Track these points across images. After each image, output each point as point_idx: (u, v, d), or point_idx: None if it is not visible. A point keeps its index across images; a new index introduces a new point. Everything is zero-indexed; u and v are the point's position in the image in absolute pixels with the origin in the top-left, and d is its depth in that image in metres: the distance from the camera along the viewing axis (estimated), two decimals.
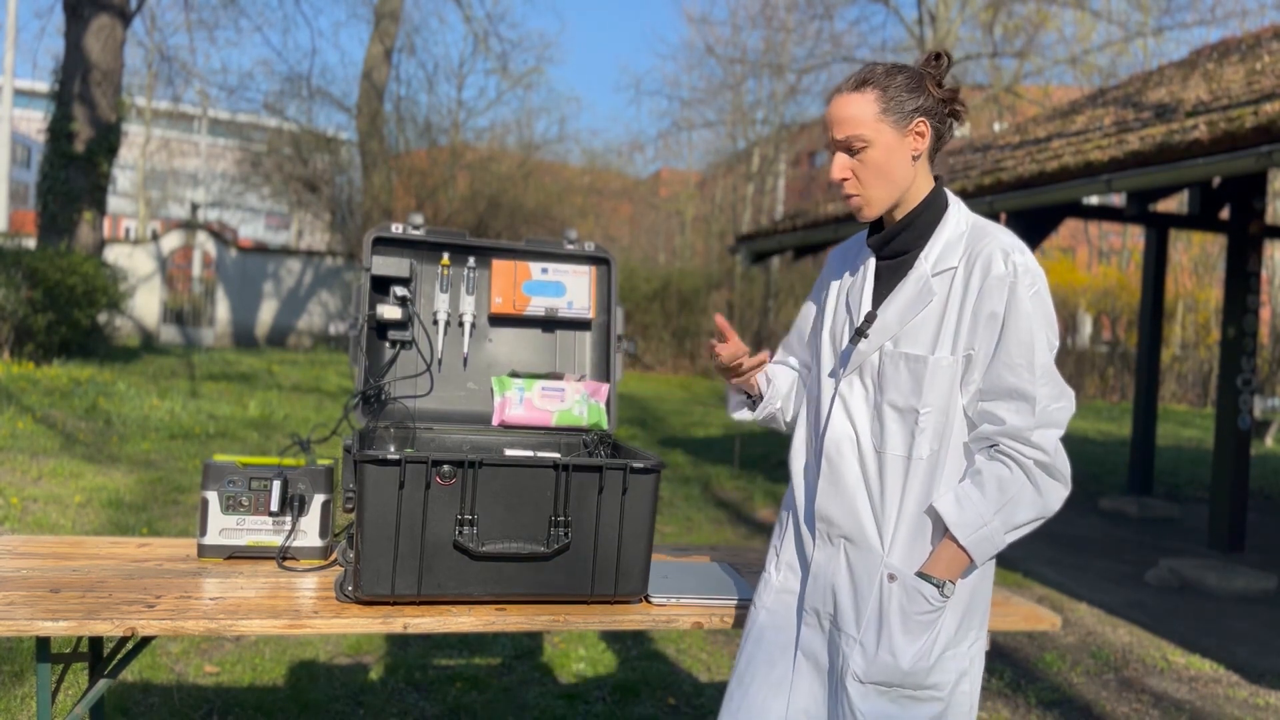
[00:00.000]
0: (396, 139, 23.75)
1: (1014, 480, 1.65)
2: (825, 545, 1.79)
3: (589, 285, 2.57)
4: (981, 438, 1.70)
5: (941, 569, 1.68)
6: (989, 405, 1.68)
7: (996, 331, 1.67)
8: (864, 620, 1.72)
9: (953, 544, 1.67)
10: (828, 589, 1.78)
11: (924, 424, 1.70)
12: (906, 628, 1.69)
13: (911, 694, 1.70)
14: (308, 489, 2.30)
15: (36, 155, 45.06)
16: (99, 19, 13.48)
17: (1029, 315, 1.66)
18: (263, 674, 3.66)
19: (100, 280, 12.92)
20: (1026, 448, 1.65)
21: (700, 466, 9.38)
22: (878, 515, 1.74)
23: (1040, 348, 1.66)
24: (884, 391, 1.74)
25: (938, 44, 20.62)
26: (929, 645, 1.69)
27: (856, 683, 1.71)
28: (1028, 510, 1.66)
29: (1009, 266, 1.67)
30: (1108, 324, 22.03)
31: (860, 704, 1.70)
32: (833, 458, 1.78)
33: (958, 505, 1.67)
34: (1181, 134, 5.43)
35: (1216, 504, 7.02)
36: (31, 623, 1.77)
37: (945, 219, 1.77)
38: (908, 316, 1.73)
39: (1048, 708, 3.91)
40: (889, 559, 1.72)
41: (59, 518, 5.61)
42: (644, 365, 21.28)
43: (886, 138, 1.71)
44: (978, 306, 1.68)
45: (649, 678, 3.87)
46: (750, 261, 10.96)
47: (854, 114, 1.71)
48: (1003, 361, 1.67)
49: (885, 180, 1.73)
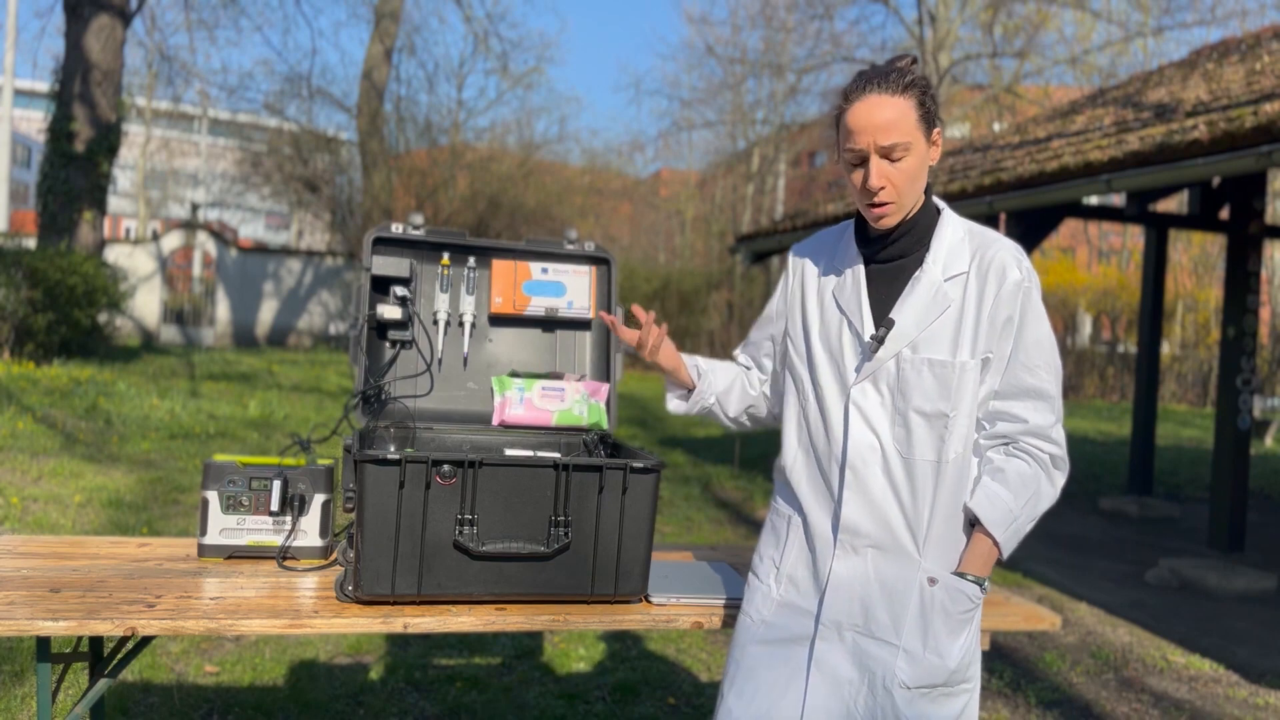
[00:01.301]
0: (396, 139, 23.76)
1: (1035, 475, 1.73)
2: (849, 556, 1.76)
3: (589, 285, 2.57)
4: (998, 436, 1.75)
5: (978, 566, 1.73)
6: (1006, 405, 1.75)
7: (1012, 335, 1.73)
8: (904, 627, 1.72)
9: (986, 540, 1.72)
10: (853, 600, 1.75)
11: (953, 427, 1.72)
12: (950, 628, 1.72)
13: (950, 690, 1.73)
14: (308, 489, 2.30)
15: (36, 155, 45.10)
16: (99, 19, 13.48)
17: (1042, 318, 1.75)
18: (263, 674, 3.66)
19: (100, 280, 12.92)
20: (1046, 443, 1.74)
21: (700, 466, 9.38)
22: (910, 521, 1.73)
23: (1053, 348, 1.75)
24: (908, 398, 1.73)
25: (937, 44, 20.63)
26: (968, 641, 1.74)
27: (904, 690, 1.70)
28: (1046, 501, 1.75)
29: (1023, 272, 1.74)
30: (1108, 324, 22.04)
31: (906, 709, 1.70)
32: (858, 468, 1.75)
33: (990, 503, 1.72)
34: (1181, 134, 5.43)
35: (1216, 504, 7.02)
36: (31, 622, 1.77)
37: (941, 223, 1.79)
38: (925, 322, 1.73)
39: (1048, 707, 3.91)
40: (925, 563, 1.73)
41: (59, 517, 5.61)
42: (644, 365, 21.28)
43: (921, 145, 1.69)
44: (994, 311, 1.72)
45: (649, 678, 3.87)
46: (750, 261, 10.97)
47: (898, 119, 1.65)
48: (1021, 363, 1.73)
49: (916, 188, 1.72)
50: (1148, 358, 8.64)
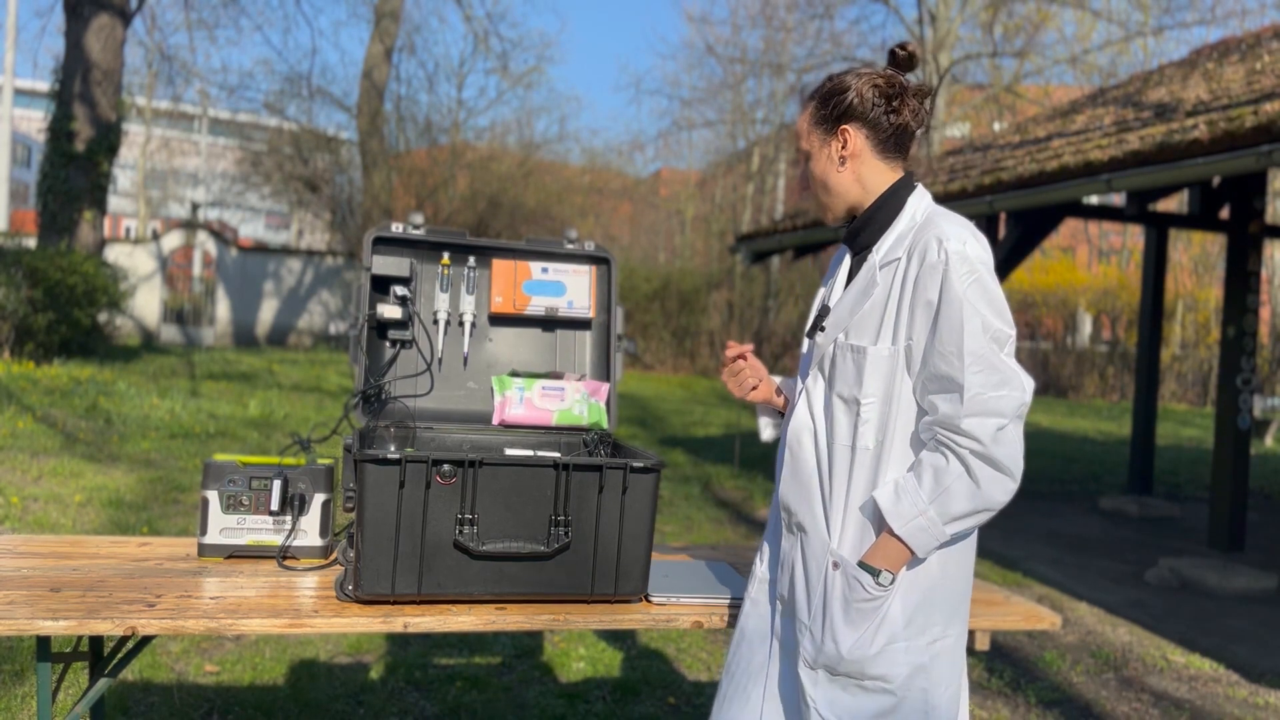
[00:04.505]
0: (397, 138, 23.75)
1: (950, 470, 1.62)
2: (788, 535, 1.84)
3: (589, 285, 2.57)
4: (925, 427, 1.69)
5: (879, 558, 1.68)
6: (930, 395, 1.68)
7: (930, 319, 1.66)
8: (813, 607, 1.76)
9: (891, 534, 1.67)
10: (788, 577, 1.83)
11: (866, 414, 1.72)
12: (848, 615, 1.71)
13: (858, 683, 1.71)
14: (308, 488, 2.30)
15: (36, 155, 45.07)
16: (99, 18, 13.48)
17: (960, 302, 1.63)
18: (263, 673, 3.66)
19: (100, 280, 12.92)
20: (960, 437, 1.61)
21: (700, 466, 9.38)
22: (827, 505, 1.76)
23: (971, 333, 1.62)
24: (832, 384, 1.78)
25: (937, 44, 20.63)
26: (870, 634, 1.69)
27: (806, 668, 1.75)
28: (964, 502, 1.63)
29: (941, 254, 1.65)
30: (1108, 324, 22.03)
31: (810, 689, 1.74)
32: (794, 449, 1.82)
33: (895, 495, 1.67)
34: (1181, 134, 5.43)
35: (1216, 503, 7.02)
36: (32, 622, 1.77)
37: (902, 213, 1.78)
38: (856, 309, 1.76)
39: (1048, 707, 3.91)
40: (837, 548, 1.74)
41: (59, 517, 5.61)
42: (644, 365, 21.28)
43: (818, 148, 1.82)
44: (915, 296, 1.68)
45: (649, 677, 3.87)
46: (750, 261, 10.96)
47: (799, 128, 1.84)
48: (936, 350, 1.65)
49: (824, 188, 1.83)
50: (1148, 358, 8.64)
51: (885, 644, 1.69)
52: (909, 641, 1.70)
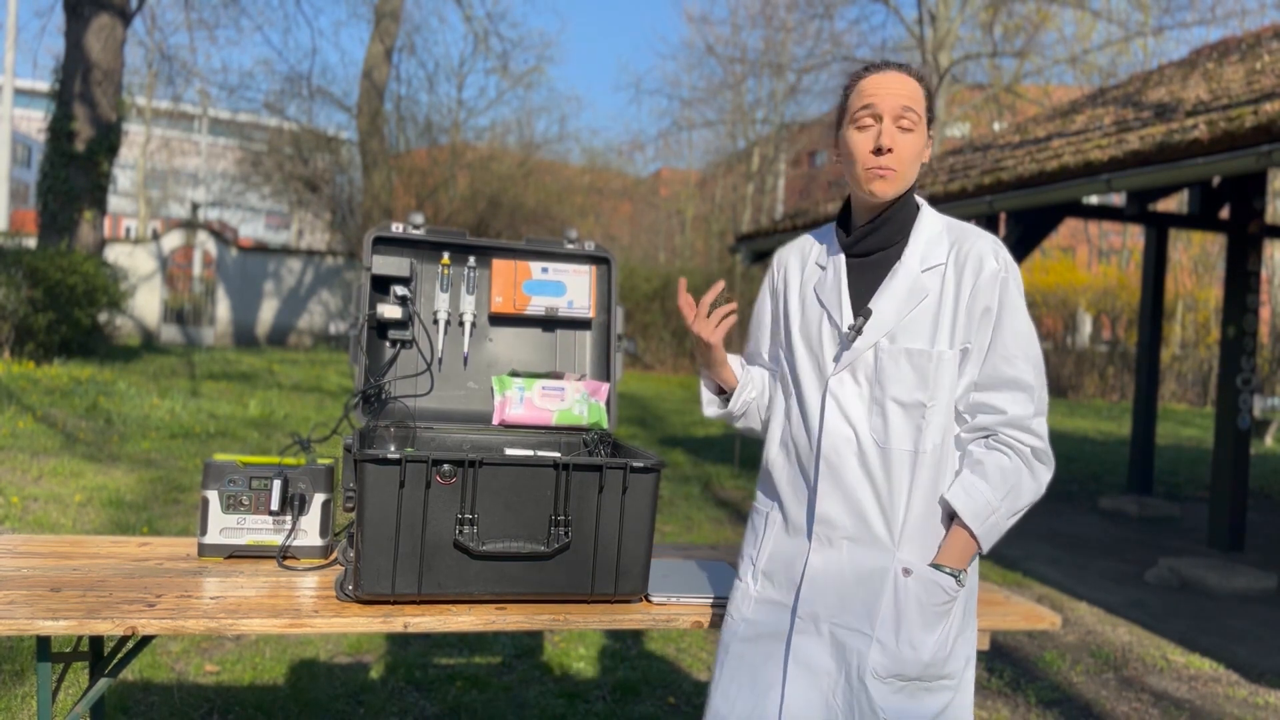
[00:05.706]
0: (397, 138, 23.76)
1: (1014, 468, 1.72)
2: (824, 548, 1.77)
3: (589, 284, 2.57)
4: (979, 428, 1.75)
5: (955, 558, 1.72)
6: (985, 397, 1.74)
7: (990, 325, 1.74)
8: (879, 617, 1.72)
9: (963, 533, 1.71)
10: (829, 593, 1.76)
11: (930, 417, 1.73)
12: (925, 620, 1.71)
13: (927, 686, 1.72)
14: (308, 488, 2.30)
15: (37, 155, 45.11)
16: (99, 18, 13.48)
17: (1020, 309, 1.75)
18: (263, 673, 3.66)
19: (101, 279, 12.92)
20: (1027, 435, 1.73)
21: (700, 466, 9.38)
22: (885, 511, 1.74)
23: (1032, 339, 1.75)
24: (886, 388, 1.74)
25: (937, 44, 20.63)
26: (945, 635, 1.73)
27: (877, 680, 1.71)
28: (1027, 495, 1.74)
29: (1000, 263, 1.75)
30: (1108, 323, 22.03)
31: (880, 702, 1.70)
32: (832, 460, 1.77)
33: (967, 495, 1.71)
34: (1181, 133, 5.43)
35: (1216, 503, 7.03)
36: (32, 622, 1.77)
37: (920, 217, 1.82)
38: (903, 311, 1.75)
39: (1048, 706, 3.91)
40: (900, 554, 1.73)
41: (59, 517, 5.61)
42: (644, 365, 21.28)
43: (924, 131, 1.79)
44: (972, 302, 1.74)
45: (649, 677, 3.87)
46: (750, 261, 10.96)
47: (913, 94, 1.76)
48: (1000, 354, 1.73)
49: (914, 166, 1.78)
50: (1148, 357, 8.64)
51: (953, 642, 1.75)
52: (963, 635, 1.77)
